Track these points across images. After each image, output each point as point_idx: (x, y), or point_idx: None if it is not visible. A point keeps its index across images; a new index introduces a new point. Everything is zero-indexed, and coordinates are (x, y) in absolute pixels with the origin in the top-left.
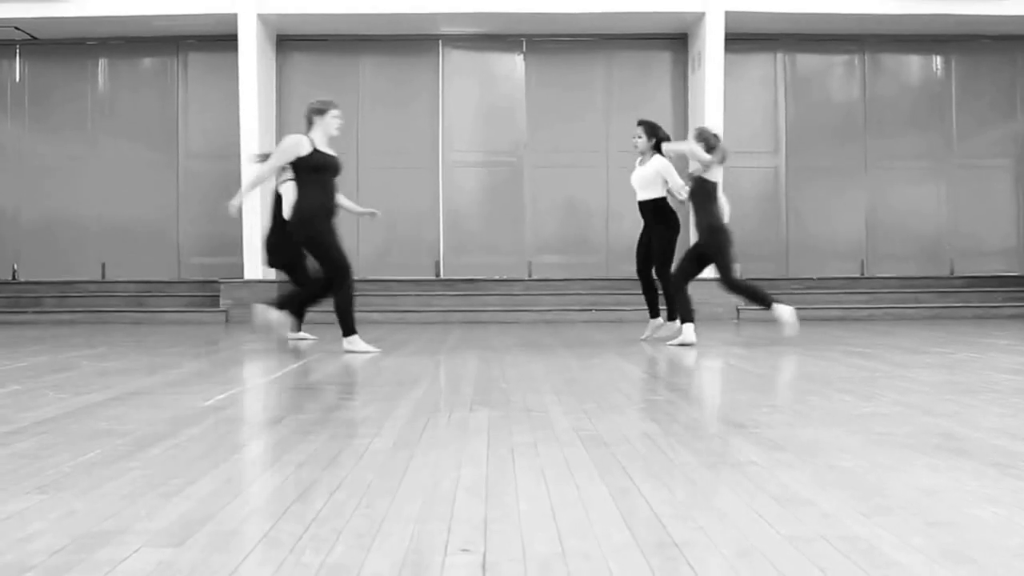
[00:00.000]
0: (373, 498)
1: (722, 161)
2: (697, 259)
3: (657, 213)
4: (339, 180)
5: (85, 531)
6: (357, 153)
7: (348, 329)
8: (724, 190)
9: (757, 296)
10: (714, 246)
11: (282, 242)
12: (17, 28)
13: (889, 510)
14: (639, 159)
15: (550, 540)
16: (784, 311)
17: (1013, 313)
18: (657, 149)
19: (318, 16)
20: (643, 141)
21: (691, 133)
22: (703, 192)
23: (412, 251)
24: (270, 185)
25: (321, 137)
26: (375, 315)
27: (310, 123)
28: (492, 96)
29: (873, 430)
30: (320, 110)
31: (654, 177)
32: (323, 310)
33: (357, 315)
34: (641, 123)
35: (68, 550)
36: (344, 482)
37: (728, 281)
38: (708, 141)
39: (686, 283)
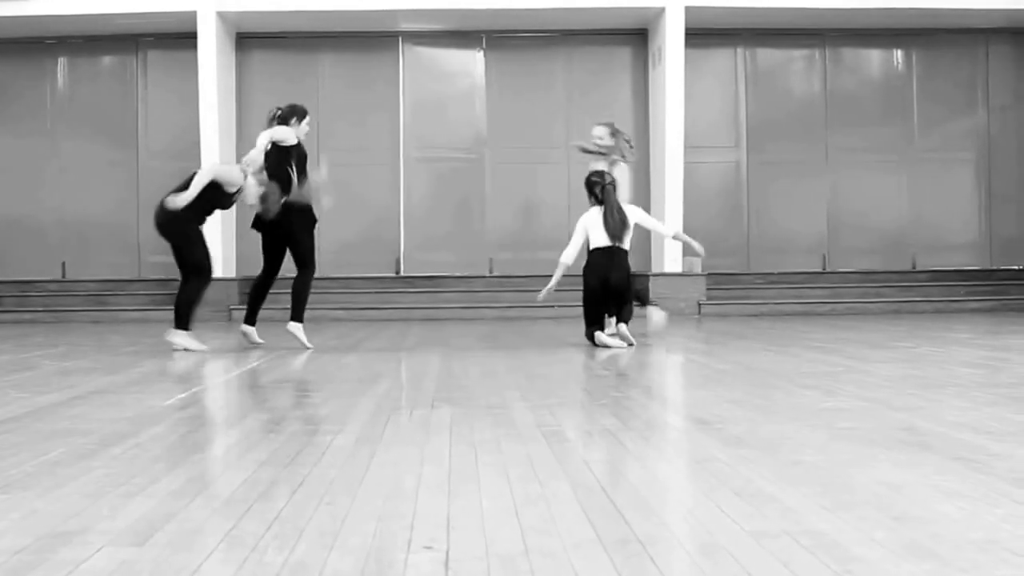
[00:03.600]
0: (335, 496)
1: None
2: None
3: None
4: None
5: (47, 531)
6: (318, 150)
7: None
8: (685, 183)
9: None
10: None
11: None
12: None
13: (853, 505)
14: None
15: (513, 537)
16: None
17: (975, 307)
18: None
19: (277, 13)
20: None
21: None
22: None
23: (372, 248)
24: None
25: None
26: (336, 312)
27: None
28: (452, 92)
29: (836, 425)
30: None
31: None
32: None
33: (312, 311)
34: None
35: (30, 550)
36: (306, 480)
37: None
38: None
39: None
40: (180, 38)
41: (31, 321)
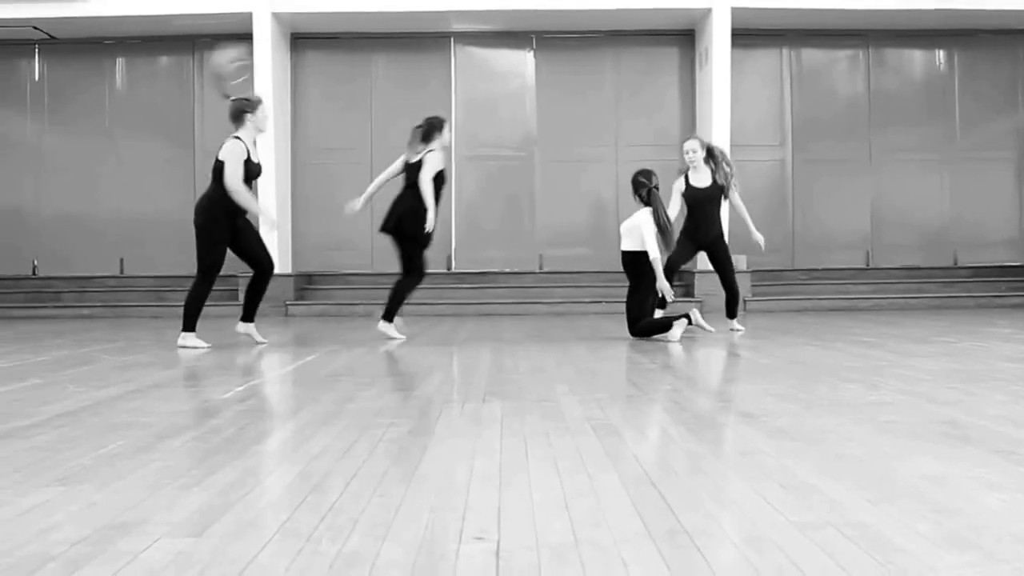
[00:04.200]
0: (388, 487)
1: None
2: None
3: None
4: (355, 175)
5: (106, 522)
6: (371, 149)
7: (186, 324)
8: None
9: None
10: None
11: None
12: (36, 28)
13: (895, 497)
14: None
15: (563, 529)
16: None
17: (1016, 302)
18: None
19: (332, 15)
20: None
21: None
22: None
23: None
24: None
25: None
26: None
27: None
28: (503, 92)
29: (879, 418)
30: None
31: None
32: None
33: (367, 307)
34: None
35: (89, 541)
36: (360, 472)
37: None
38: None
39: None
40: (236, 39)
41: (90, 316)
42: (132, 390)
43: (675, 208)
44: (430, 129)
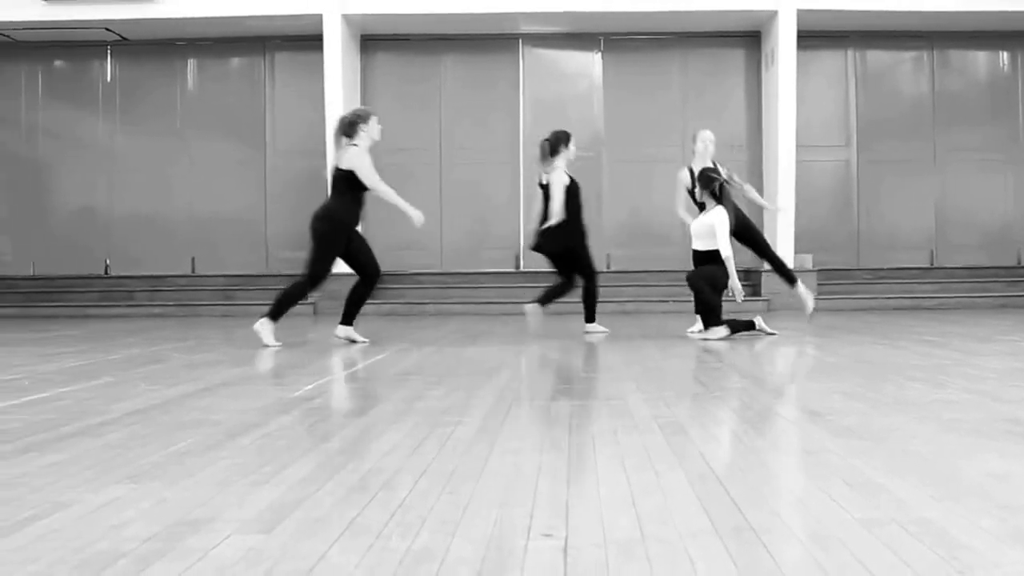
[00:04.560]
0: (457, 484)
1: None
2: None
3: None
4: (425, 175)
5: (176, 519)
6: (440, 149)
7: (274, 314)
8: (797, 182)
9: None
10: None
11: (553, 233)
12: (108, 29)
13: (960, 494)
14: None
15: (630, 525)
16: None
17: None
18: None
19: (401, 16)
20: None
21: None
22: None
23: (493, 244)
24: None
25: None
26: (457, 307)
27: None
28: (571, 93)
29: (944, 416)
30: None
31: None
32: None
33: (436, 305)
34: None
35: (159, 537)
36: (429, 469)
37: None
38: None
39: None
40: (306, 40)
41: (161, 315)
42: (202, 388)
43: (681, 200)
44: (556, 142)
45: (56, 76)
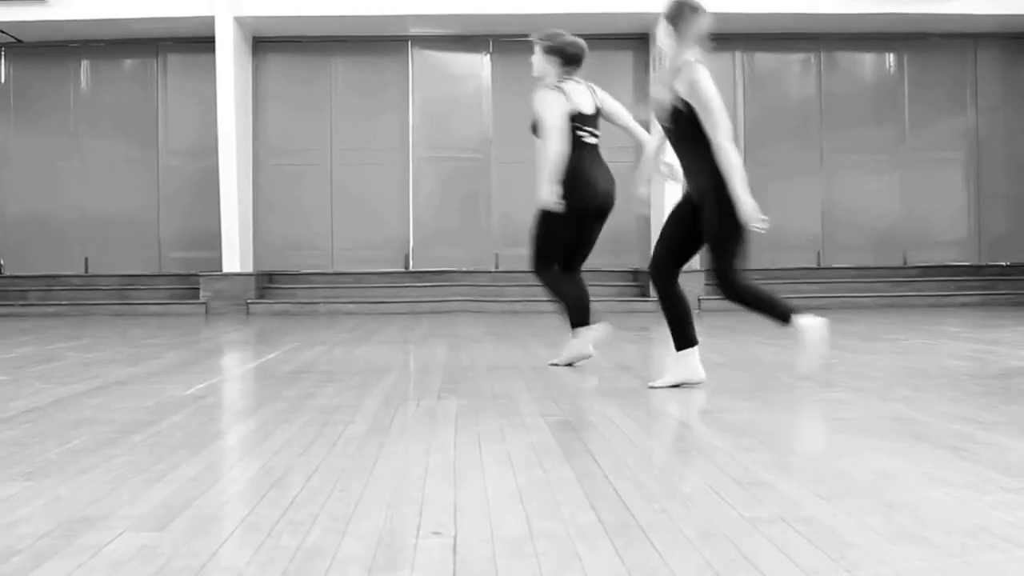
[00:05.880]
0: (347, 483)
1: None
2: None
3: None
4: (315, 176)
5: (70, 516)
6: (330, 150)
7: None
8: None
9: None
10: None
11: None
12: (2, 31)
13: (847, 493)
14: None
15: (518, 522)
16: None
17: (964, 301)
18: None
19: (292, 18)
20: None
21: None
22: None
23: (383, 244)
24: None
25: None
26: (348, 306)
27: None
28: (460, 94)
29: (831, 415)
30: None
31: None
32: None
33: (326, 305)
34: None
35: (54, 535)
36: (319, 468)
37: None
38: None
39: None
40: (199, 42)
41: (55, 314)
42: (96, 387)
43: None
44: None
45: None
